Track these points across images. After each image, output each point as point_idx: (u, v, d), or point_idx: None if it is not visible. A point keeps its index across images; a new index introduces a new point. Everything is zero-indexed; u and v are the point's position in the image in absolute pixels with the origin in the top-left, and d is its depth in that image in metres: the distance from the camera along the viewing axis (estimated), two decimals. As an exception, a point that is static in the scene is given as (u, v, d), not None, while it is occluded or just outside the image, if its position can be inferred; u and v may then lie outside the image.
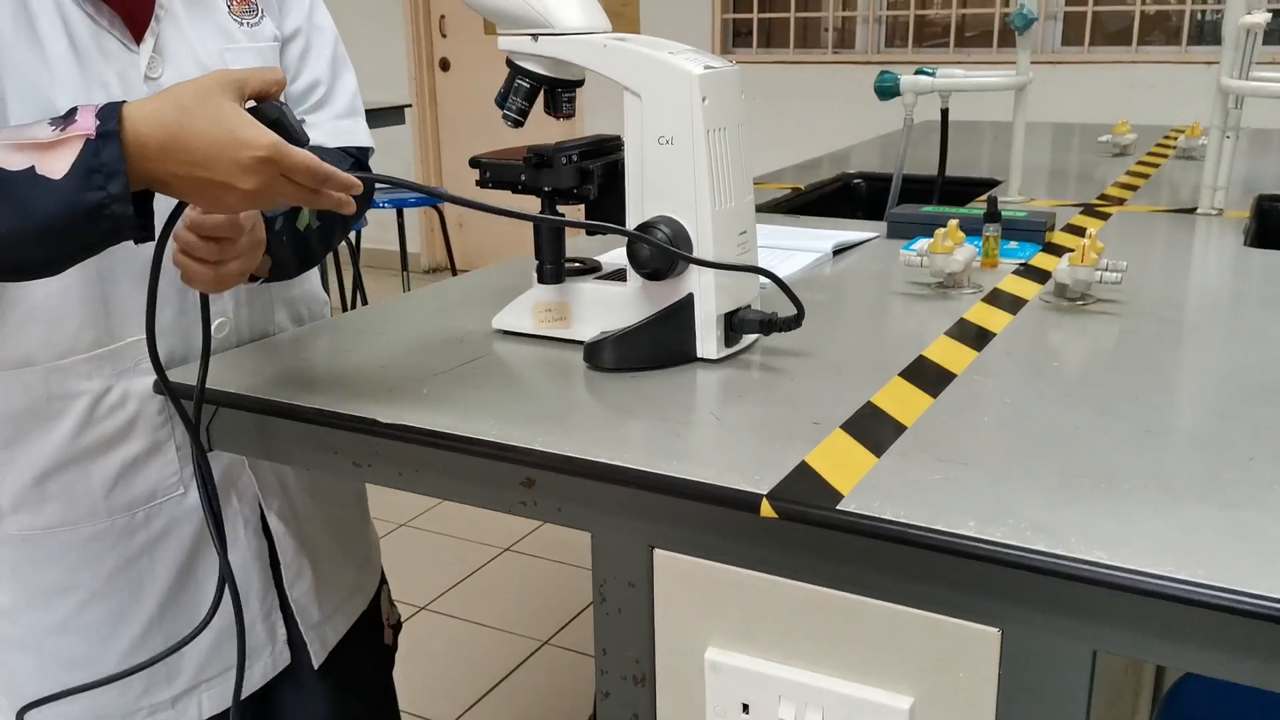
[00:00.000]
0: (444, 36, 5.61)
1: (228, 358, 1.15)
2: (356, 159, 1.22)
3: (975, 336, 1.16)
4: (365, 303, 4.39)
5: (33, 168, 0.82)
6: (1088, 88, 4.11)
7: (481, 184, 1.15)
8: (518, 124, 1.14)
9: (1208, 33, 4.09)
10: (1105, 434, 0.89)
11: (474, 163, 1.15)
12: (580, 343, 1.12)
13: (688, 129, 1.04)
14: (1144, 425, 0.90)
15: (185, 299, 1.10)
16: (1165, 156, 2.42)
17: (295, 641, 1.25)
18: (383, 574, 1.49)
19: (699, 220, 1.05)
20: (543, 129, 1.13)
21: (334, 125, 1.22)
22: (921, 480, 0.80)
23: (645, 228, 1.06)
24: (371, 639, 1.40)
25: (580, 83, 1.14)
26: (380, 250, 5.51)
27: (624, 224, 1.09)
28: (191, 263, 0.97)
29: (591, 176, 1.10)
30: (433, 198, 0.82)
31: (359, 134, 1.24)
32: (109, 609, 1.12)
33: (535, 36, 1.08)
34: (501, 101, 1.14)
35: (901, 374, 1.04)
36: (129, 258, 1.04)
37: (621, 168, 1.10)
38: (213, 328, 1.05)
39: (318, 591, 1.27)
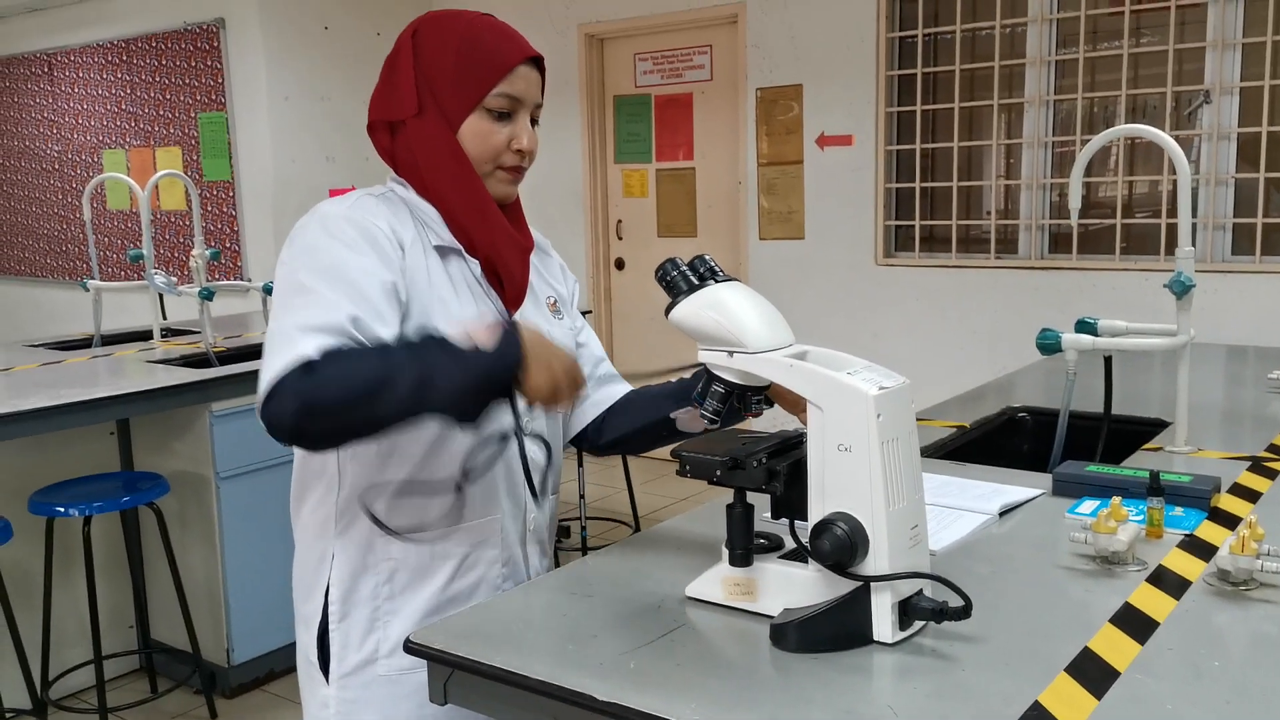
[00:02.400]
0: (620, 239, 6.03)
1: (463, 617, 1.34)
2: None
3: (1139, 626, 1.23)
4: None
5: (476, 345, 1.23)
6: (1259, 298, 4.09)
7: (680, 474, 1.33)
8: (713, 423, 1.32)
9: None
10: (1263, 752, 0.95)
11: (675, 454, 1.33)
12: (766, 615, 1.26)
13: (864, 440, 1.19)
14: (1302, 744, 0.97)
15: (511, 489, 1.49)
16: (1341, 392, 2.41)
17: None
18: None
19: (874, 519, 1.19)
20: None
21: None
22: (1084, 798, 0.89)
23: (825, 523, 1.20)
24: None
25: (768, 386, 1.32)
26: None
27: (806, 516, 1.24)
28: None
29: (778, 475, 1.26)
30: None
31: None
32: None
33: (730, 353, 1.27)
34: (700, 400, 1.33)
35: (1067, 669, 1.13)
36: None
37: (804, 464, 1.25)
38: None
39: None
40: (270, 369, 1.21)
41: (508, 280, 1.47)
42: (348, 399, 1.18)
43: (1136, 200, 4.56)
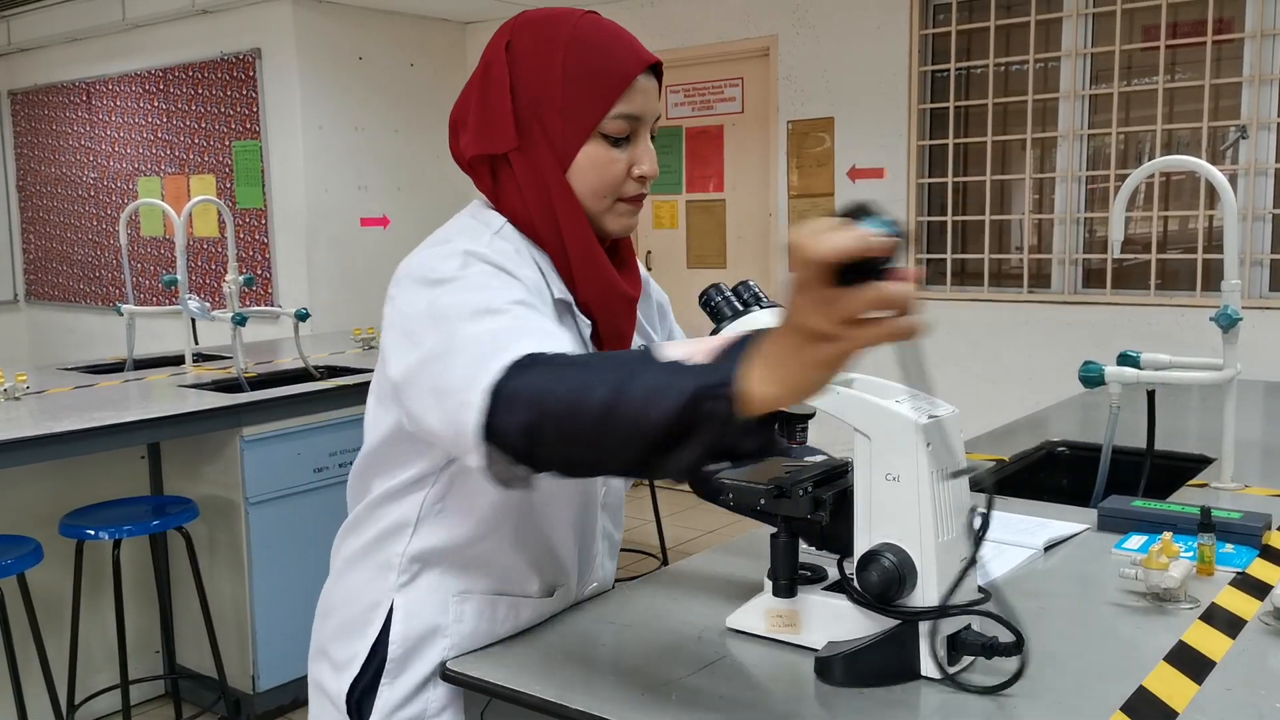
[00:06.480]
0: (649, 270, 6.02)
1: (500, 646, 1.31)
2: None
3: (1195, 665, 1.20)
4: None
5: (679, 360, 0.95)
6: (1301, 334, 4.03)
7: (724, 505, 1.31)
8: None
9: None
10: (1334, 799, 0.92)
11: (719, 483, 1.31)
12: (808, 648, 1.23)
13: (913, 470, 1.16)
14: (1375, 791, 0.93)
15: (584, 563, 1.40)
16: (1390, 431, 2.36)
17: None
18: None
19: (923, 550, 1.16)
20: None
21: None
22: (1149, 843, 0.86)
23: (872, 554, 1.18)
24: None
25: (812, 414, 1.30)
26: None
27: (851, 547, 1.21)
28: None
29: (824, 505, 1.24)
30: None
31: None
32: None
33: (776, 380, 1.25)
34: (742, 428, 1.31)
35: (1123, 708, 1.09)
36: (565, 521, 1.33)
37: (850, 494, 1.23)
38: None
39: None
40: (477, 375, 0.98)
41: (609, 339, 1.31)
42: (579, 412, 0.94)
43: (1170, 237, 4.51)
